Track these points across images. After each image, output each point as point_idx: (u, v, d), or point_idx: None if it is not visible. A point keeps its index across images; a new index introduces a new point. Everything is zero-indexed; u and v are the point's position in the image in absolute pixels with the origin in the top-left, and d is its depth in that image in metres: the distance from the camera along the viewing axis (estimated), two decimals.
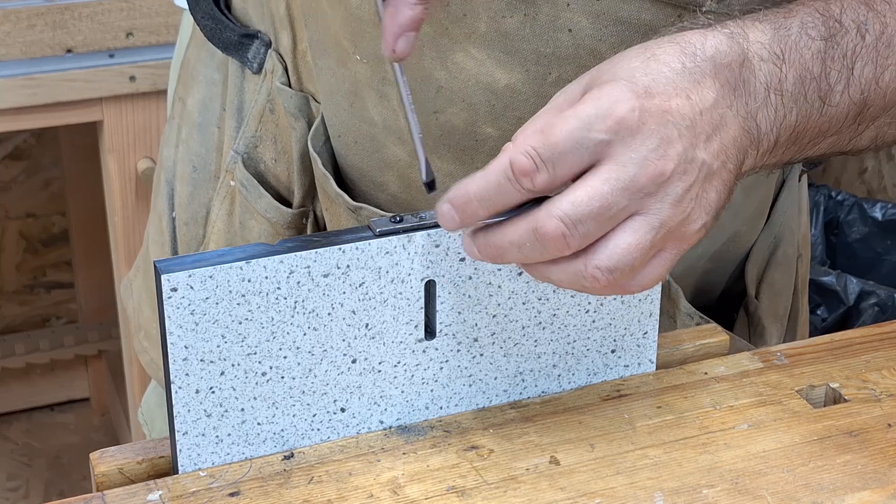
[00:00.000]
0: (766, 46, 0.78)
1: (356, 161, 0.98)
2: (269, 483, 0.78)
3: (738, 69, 0.76)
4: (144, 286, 1.20)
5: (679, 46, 0.76)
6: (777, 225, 1.06)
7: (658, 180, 0.73)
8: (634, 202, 0.73)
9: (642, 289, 0.76)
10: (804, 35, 0.79)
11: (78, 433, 2.49)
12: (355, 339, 0.80)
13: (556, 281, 0.75)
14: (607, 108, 0.72)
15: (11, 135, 2.34)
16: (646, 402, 0.86)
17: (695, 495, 0.77)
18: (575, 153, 0.72)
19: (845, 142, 0.83)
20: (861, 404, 0.86)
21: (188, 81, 1.13)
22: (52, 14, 1.76)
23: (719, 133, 0.75)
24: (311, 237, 0.78)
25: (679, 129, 0.73)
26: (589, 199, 0.72)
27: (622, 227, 0.73)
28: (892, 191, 2.35)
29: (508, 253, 0.74)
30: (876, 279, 2.13)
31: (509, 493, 0.77)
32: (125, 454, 0.80)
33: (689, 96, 0.74)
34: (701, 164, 0.74)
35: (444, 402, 0.84)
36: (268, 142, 1.05)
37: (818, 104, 0.79)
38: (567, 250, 0.73)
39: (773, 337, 1.07)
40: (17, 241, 2.45)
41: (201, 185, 1.11)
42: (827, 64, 0.79)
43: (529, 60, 0.87)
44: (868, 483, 0.78)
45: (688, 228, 0.75)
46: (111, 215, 1.93)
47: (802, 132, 0.79)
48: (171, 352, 0.76)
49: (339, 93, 0.97)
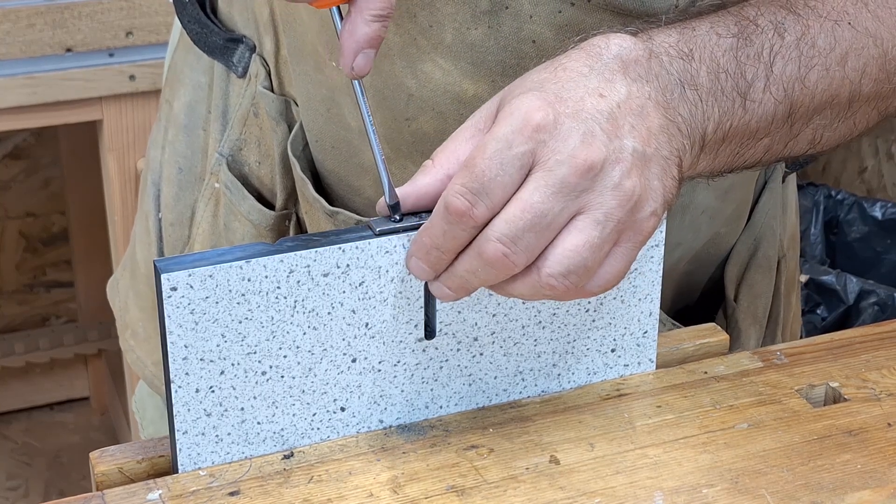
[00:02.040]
0: (674, 46, 0.78)
1: (333, 166, 0.99)
2: (269, 482, 0.78)
3: (647, 63, 0.77)
4: (131, 285, 1.20)
5: (584, 52, 0.77)
6: (757, 226, 1.06)
7: (590, 174, 0.73)
8: (571, 203, 0.73)
9: (605, 288, 0.76)
10: (712, 34, 0.79)
11: (78, 432, 2.49)
12: (355, 338, 0.80)
13: (520, 296, 0.76)
14: (522, 119, 0.73)
15: (11, 134, 2.33)
16: (646, 401, 0.86)
17: (694, 495, 0.77)
18: (503, 175, 0.72)
19: (781, 146, 0.83)
20: (861, 404, 0.86)
21: (175, 84, 1.14)
22: (51, 13, 1.76)
23: (643, 121, 0.75)
24: (311, 237, 0.78)
25: (599, 123, 0.74)
26: (522, 212, 0.72)
27: (567, 229, 0.73)
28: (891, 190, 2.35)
29: (471, 281, 0.75)
30: (875, 278, 2.13)
31: (509, 492, 0.77)
32: (125, 453, 0.80)
33: (602, 94, 0.75)
34: (632, 151, 0.74)
35: (443, 402, 0.84)
36: (252, 145, 1.06)
37: (739, 100, 0.79)
38: (515, 268, 0.73)
39: (751, 339, 1.07)
40: (17, 241, 2.45)
41: (187, 187, 1.12)
42: (741, 60, 0.79)
43: (495, 71, 0.87)
44: (867, 482, 0.78)
45: (637, 216, 0.74)
46: (111, 214, 1.93)
47: (730, 131, 0.79)
48: (171, 351, 0.76)
49: (316, 98, 0.97)
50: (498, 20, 0.86)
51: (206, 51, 1.08)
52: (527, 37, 0.86)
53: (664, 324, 1.00)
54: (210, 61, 1.09)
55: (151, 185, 1.16)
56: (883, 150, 2.36)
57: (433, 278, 0.77)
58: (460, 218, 0.73)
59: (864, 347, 0.92)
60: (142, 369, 1.19)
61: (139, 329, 1.18)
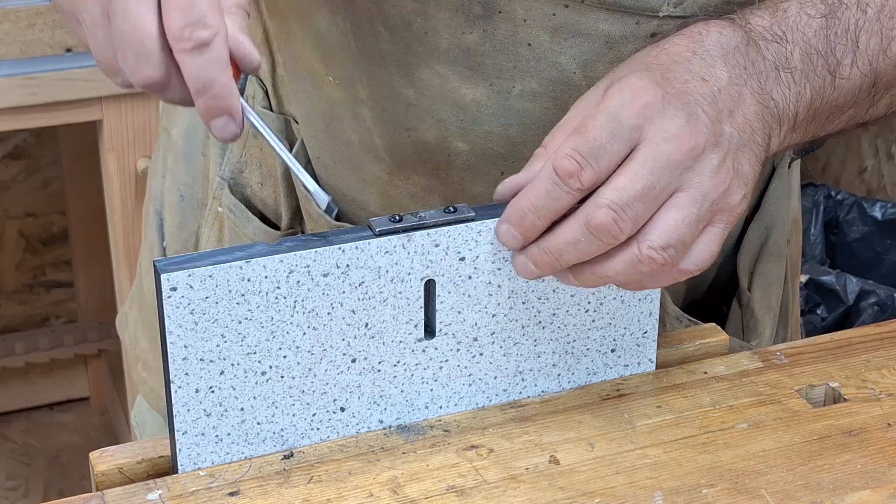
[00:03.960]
0: (768, 29, 0.81)
1: (336, 182, 0.99)
2: (269, 482, 0.78)
3: (745, 50, 0.79)
4: (140, 317, 1.20)
5: (686, 38, 0.79)
6: (768, 215, 1.06)
7: (693, 154, 0.75)
8: (675, 179, 0.75)
9: (700, 267, 0.78)
10: (803, 14, 0.82)
11: (77, 432, 2.49)
12: (355, 338, 0.80)
13: (614, 277, 0.77)
14: (631, 96, 0.76)
15: (11, 134, 2.33)
16: (645, 401, 0.86)
17: (694, 495, 0.77)
18: (612, 143, 0.75)
19: (863, 112, 0.86)
20: (860, 404, 0.86)
21: (171, 112, 1.14)
22: (51, 13, 1.76)
23: (740, 108, 0.78)
24: (311, 237, 0.78)
25: (702, 107, 0.77)
26: (632, 182, 0.74)
27: (667, 205, 0.76)
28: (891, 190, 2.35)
29: (565, 254, 0.76)
30: (875, 278, 2.13)
31: (509, 492, 0.77)
32: (125, 453, 0.80)
33: (705, 78, 0.78)
34: (729, 136, 0.77)
35: (443, 402, 0.84)
36: (253, 166, 1.05)
37: (829, 78, 0.82)
38: (621, 235, 0.75)
39: (767, 328, 1.07)
40: (17, 241, 2.45)
41: (190, 214, 1.12)
42: (831, 39, 0.82)
43: (492, 75, 0.88)
44: (867, 482, 0.78)
45: (730, 200, 0.77)
46: (111, 214, 1.93)
47: (820, 107, 0.82)
48: (171, 351, 0.76)
49: (316, 115, 0.97)
50: (492, 24, 0.86)
51: None
52: (522, 40, 0.86)
53: (680, 320, 1.00)
54: None
55: (154, 215, 1.16)
56: (883, 150, 2.36)
57: (520, 248, 0.78)
58: (568, 178, 0.75)
59: (864, 347, 0.92)
60: (156, 401, 1.18)
61: (150, 360, 1.18)
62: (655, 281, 0.79)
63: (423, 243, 0.79)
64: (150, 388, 1.19)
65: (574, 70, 0.86)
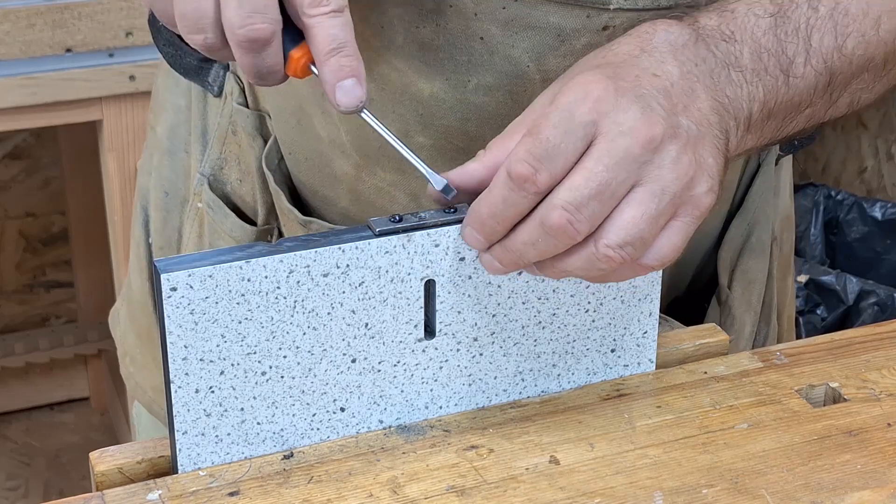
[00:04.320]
0: (716, 29, 0.80)
1: (307, 178, 1.00)
2: (269, 482, 0.78)
3: (694, 48, 0.78)
4: (128, 314, 1.21)
5: (633, 37, 0.79)
6: (751, 211, 1.06)
7: (650, 146, 0.74)
8: (632, 173, 0.74)
9: (662, 262, 0.76)
10: (751, 15, 0.81)
11: (77, 432, 2.49)
12: (355, 338, 0.80)
13: (573, 272, 0.77)
14: (583, 92, 0.74)
15: (11, 134, 2.33)
16: (645, 401, 0.86)
17: (694, 495, 0.77)
18: (566, 143, 0.74)
19: (822, 112, 0.85)
20: (860, 404, 0.86)
21: (157, 109, 1.15)
22: (51, 13, 1.76)
23: (694, 103, 0.77)
24: (311, 237, 0.78)
25: (656, 99, 0.75)
26: (586, 181, 0.73)
27: (625, 200, 0.74)
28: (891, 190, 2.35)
29: (525, 254, 0.76)
30: (875, 278, 2.13)
31: (509, 492, 0.77)
32: (125, 454, 0.80)
33: (656, 74, 0.77)
34: (687, 128, 0.76)
35: (443, 402, 0.84)
36: (232, 163, 1.06)
37: (782, 77, 0.81)
38: (577, 236, 0.74)
39: (746, 326, 1.07)
40: (17, 241, 2.45)
41: (173, 210, 1.13)
42: (781, 38, 0.81)
43: (447, 69, 0.88)
44: (867, 482, 0.78)
45: (694, 192, 0.76)
46: (111, 214, 1.93)
47: (775, 107, 0.81)
48: (171, 351, 0.76)
49: (287, 111, 0.98)
50: (444, 19, 0.86)
51: (181, 72, 1.09)
52: (474, 34, 0.86)
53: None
54: (188, 83, 1.10)
55: (140, 211, 1.17)
56: (883, 150, 2.36)
57: (485, 248, 0.77)
58: (523, 183, 0.74)
59: (864, 348, 0.92)
60: (141, 395, 1.19)
61: (137, 355, 1.19)
62: (618, 276, 0.78)
63: (423, 243, 0.79)
64: (136, 382, 1.19)
65: (527, 63, 0.86)
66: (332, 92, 0.76)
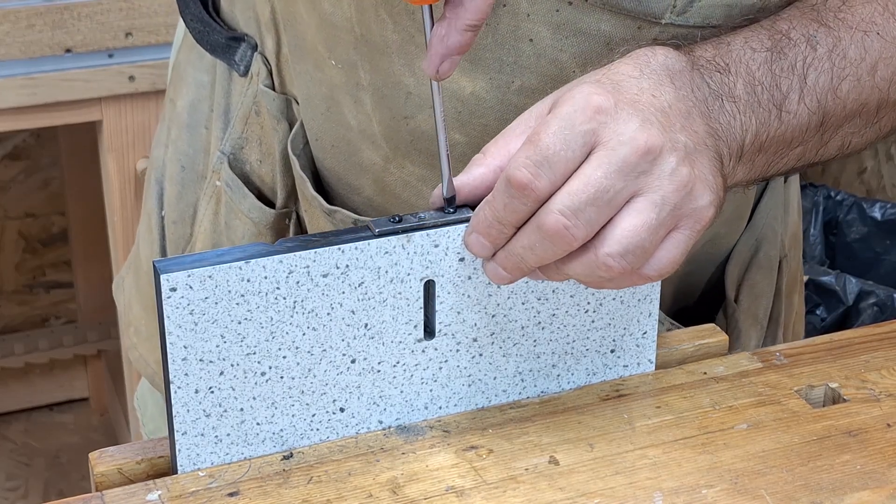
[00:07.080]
0: (711, 60, 0.80)
1: (332, 165, 0.99)
2: (269, 483, 0.78)
3: (690, 75, 0.79)
4: (135, 284, 1.21)
5: (632, 59, 0.79)
6: (759, 227, 1.06)
7: (649, 157, 0.74)
8: (631, 183, 0.74)
9: (661, 273, 0.76)
10: (747, 48, 0.81)
11: (77, 433, 2.49)
12: (354, 338, 0.80)
13: (574, 276, 0.77)
14: (584, 101, 0.75)
15: (10, 135, 2.33)
16: (645, 401, 0.86)
17: (694, 495, 0.77)
18: (566, 150, 0.74)
19: (813, 153, 0.85)
20: (860, 404, 0.86)
21: (178, 83, 1.14)
22: (51, 14, 1.76)
23: (691, 124, 0.77)
24: (311, 237, 0.78)
25: (655, 115, 0.76)
26: (584, 186, 0.73)
27: (625, 209, 0.74)
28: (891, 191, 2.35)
29: (526, 258, 0.76)
30: (875, 279, 2.13)
31: (508, 492, 0.77)
32: (124, 454, 0.80)
33: (654, 95, 0.77)
34: (684, 144, 0.76)
35: (443, 402, 0.84)
36: (253, 143, 1.06)
37: (775, 112, 0.81)
38: (575, 241, 0.74)
39: (751, 340, 1.07)
40: (17, 241, 2.45)
41: (189, 185, 1.12)
42: (776, 73, 0.81)
43: (492, 69, 0.88)
44: (867, 483, 0.78)
45: (695, 204, 0.76)
46: (110, 215, 1.93)
47: (766, 141, 0.81)
48: (171, 352, 0.76)
49: (317, 97, 0.98)
50: (495, 17, 0.86)
51: (208, 49, 1.09)
52: (524, 35, 0.86)
53: (663, 323, 1.00)
54: (212, 60, 1.10)
55: (155, 184, 1.17)
56: (882, 150, 2.36)
57: (491, 255, 0.78)
58: (522, 190, 0.74)
59: (864, 348, 0.92)
60: (144, 367, 1.19)
61: (141, 327, 1.19)
62: (617, 284, 0.77)
63: (423, 244, 0.79)
64: (139, 353, 1.19)
65: (573, 69, 0.86)
66: (441, 58, 0.76)
